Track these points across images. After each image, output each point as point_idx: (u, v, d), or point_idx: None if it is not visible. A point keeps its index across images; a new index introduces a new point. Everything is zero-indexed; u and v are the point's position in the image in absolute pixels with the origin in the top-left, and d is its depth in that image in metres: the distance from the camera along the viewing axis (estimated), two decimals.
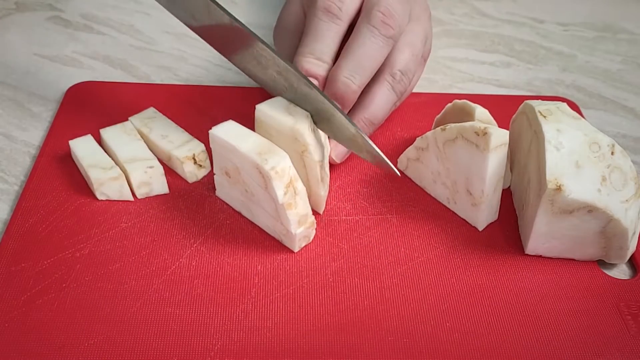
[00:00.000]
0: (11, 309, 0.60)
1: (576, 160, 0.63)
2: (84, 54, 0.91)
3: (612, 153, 0.64)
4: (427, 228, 0.70)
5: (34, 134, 0.79)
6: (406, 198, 0.73)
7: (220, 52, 0.71)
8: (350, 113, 0.72)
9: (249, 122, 0.77)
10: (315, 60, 0.69)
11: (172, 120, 0.76)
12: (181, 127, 0.75)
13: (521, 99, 0.85)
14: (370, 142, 0.64)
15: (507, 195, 0.74)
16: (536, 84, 0.92)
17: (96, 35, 0.94)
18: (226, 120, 0.66)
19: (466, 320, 0.62)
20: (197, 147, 0.73)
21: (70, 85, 0.84)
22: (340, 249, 0.67)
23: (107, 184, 0.69)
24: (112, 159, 0.71)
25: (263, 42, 0.66)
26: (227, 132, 0.65)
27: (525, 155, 0.69)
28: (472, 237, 0.69)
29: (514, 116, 0.73)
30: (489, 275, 0.66)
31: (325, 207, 0.71)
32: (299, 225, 0.64)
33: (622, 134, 0.85)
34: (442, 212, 0.71)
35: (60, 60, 0.90)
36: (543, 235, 0.65)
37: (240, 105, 0.81)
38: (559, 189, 0.61)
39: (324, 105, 0.65)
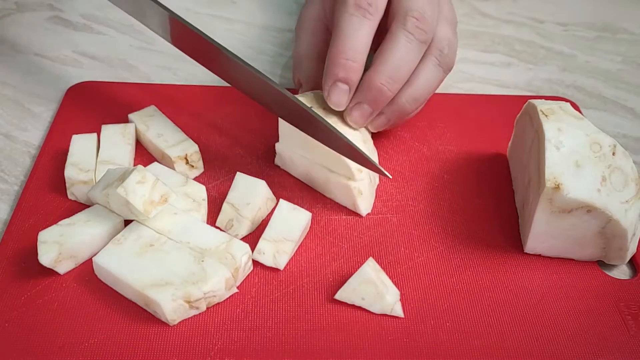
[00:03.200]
0: (11, 308, 0.60)
1: (576, 159, 0.63)
2: (84, 54, 0.91)
3: (614, 153, 0.64)
4: (427, 228, 0.70)
5: (34, 134, 0.79)
6: (406, 197, 0.73)
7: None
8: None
9: (250, 121, 0.77)
10: (348, 61, 0.67)
11: (172, 120, 0.76)
12: (180, 127, 0.75)
13: (521, 98, 0.86)
14: (362, 151, 0.66)
15: (508, 194, 0.74)
16: (536, 84, 0.92)
17: (96, 35, 0.94)
18: (225, 120, 0.66)
19: (466, 319, 0.62)
20: (191, 147, 0.73)
21: (70, 85, 0.84)
22: (340, 248, 0.67)
23: (77, 185, 0.69)
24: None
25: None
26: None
27: (527, 154, 0.69)
28: (472, 237, 0.69)
29: (518, 116, 0.73)
30: (489, 275, 0.66)
31: (326, 207, 0.71)
32: None
33: (623, 134, 0.85)
34: (442, 212, 0.72)
35: (60, 60, 0.90)
36: (542, 234, 0.65)
37: (242, 105, 0.81)
38: (557, 187, 0.62)
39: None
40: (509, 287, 0.65)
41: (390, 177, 0.67)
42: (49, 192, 0.70)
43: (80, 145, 0.72)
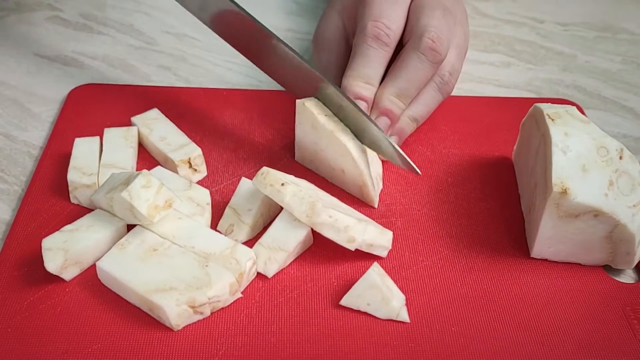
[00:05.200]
0: (14, 313, 0.60)
1: (583, 164, 0.63)
2: (84, 54, 0.91)
3: (621, 157, 0.64)
4: (432, 232, 0.69)
5: (34, 134, 0.79)
6: (410, 201, 0.72)
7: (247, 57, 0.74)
8: None
9: (253, 124, 0.76)
10: (364, 84, 0.72)
11: (175, 123, 0.76)
12: (183, 130, 0.75)
13: (524, 100, 0.86)
14: (396, 146, 0.69)
15: (513, 198, 0.74)
16: (536, 84, 0.92)
17: (96, 35, 0.94)
18: (228, 123, 0.66)
19: (472, 324, 0.62)
20: (194, 151, 0.72)
21: (70, 84, 0.84)
22: (345, 252, 0.66)
23: (80, 189, 0.68)
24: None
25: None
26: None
27: (533, 158, 0.69)
28: (477, 241, 0.69)
29: (524, 119, 0.73)
30: (495, 279, 0.65)
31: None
32: None
33: (623, 134, 0.85)
34: (446, 216, 0.71)
35: (60, 60, 0.90)
36: (549, 239, 0.65)
37: (245, 107, 0.81)
38: (564, 192, 0.61)
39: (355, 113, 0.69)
40: (515, 291, 0.65)
41: (420, 172, 0.69)
42: (51, 195, 0.70)
43: (83, 149, 0.71)
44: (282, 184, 0.64)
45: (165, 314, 0.58)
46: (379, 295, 0.61)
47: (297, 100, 0.72)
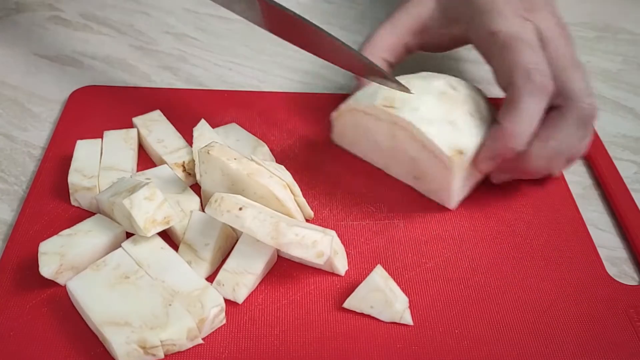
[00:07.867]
0: (16, 317, 0.60)
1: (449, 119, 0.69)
2: (84, 54, 0.91)
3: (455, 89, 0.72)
4: (435, 233, 0.69)
5: (34, 134, 0.79)
6: (413, 203, 0.72)
7: None
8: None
9: (254, 125, 0.76)
10: (521, 142, 0.66)
11: (176, 125, 0.76)
12: (184, 131, 0.75)
13: None
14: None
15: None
16: None
17: (96, 35, 0.94)
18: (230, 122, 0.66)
19: (475, 326, 0.62)
20: (188, 155, 0.72)
21: (70, 85, 0.84)
22: (348, 254, 0.66)
23: (80, 192, 0.68)
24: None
25: None
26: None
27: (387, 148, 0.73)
28: (480, 243, 0.69)
29: (335, 114, 0.76)
30: (498, 281, 0.65)
31: (333, 212, 0.71)
32: None
33: (622, 134, 0.85)
34: (449, 217, 0.71)
35: (60, 60, 0.90)
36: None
37: (247, 108, 0.80)
38: (460, 152, 0.66)
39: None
40: (518, 293, 0.65)
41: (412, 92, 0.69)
42: (52, 198, 0.70)
43: (85, 151, 0.71)
44: (240, 208, 0.61)
45: (113, 351, 0.57)
46: (382, 297, 0.61)
47: (200, 149, 0.65)
